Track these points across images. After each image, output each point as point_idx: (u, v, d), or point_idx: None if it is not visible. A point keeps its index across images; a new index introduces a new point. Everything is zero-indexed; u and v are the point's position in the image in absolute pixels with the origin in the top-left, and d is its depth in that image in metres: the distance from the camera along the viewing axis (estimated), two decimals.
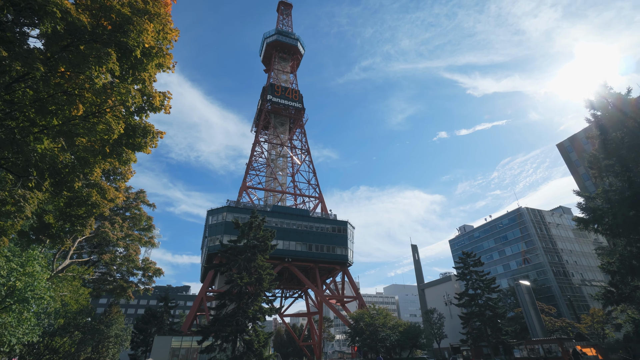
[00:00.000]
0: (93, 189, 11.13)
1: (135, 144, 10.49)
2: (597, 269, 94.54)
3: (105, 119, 8.82)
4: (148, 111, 10.21)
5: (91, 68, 7.65)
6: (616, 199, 16.94)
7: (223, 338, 27.16)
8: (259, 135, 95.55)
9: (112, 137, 9.11)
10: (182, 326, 51.01)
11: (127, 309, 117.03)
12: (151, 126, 10.50)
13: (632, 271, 16.29)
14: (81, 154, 9.79)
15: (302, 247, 68.65)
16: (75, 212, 10.91)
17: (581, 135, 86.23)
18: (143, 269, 39.19)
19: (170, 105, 10.41)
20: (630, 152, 16.87)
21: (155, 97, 10.07)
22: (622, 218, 16.41)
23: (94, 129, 8.70)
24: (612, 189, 17.63)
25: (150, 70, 9.48)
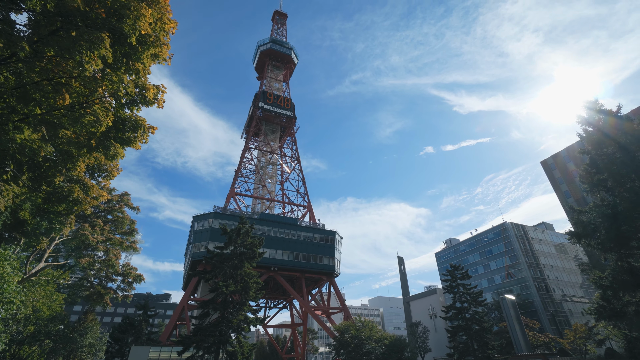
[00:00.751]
0: (75, 185, 10.40)
1: (124, 138, 9.89)
2: (578, 285, 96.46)
3: (93, 110, 8.25)
4: (140, 104, 9.64)
5: (82, 53, 7.15)
6: (609, 214, 17.20)
7: (205, 349, 25.97)
8: (249, 142, 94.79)
9: (100, 129, 8.52)
10: (161, 336, 48.89)
11: (103, 317, 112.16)
12: (142, 120, 9.93)
13: (624, 286, 16.42)
14: (64, 147, 9.12)
15: (289, 256, 67.56)
16: (54, 208, 10.14)
17: (564, 153, 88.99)
18: (123, 274, 37.50)
19: (164, 100, 9.91)
20: (622, 167, 17.26)
21: (149, 89, 9.54)
22: (615, 232, 16.61)
23: (79, 120, 8.10)
24: (604, 204, 17.93)
25: (145, 61, 8.99)
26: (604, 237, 17.17)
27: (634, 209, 16.02)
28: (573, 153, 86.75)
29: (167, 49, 9.60)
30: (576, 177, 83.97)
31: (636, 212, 15.98)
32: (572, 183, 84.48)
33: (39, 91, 8.18)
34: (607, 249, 17.61)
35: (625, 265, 16.55)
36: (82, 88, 8.77)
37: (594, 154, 19.61)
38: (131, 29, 7.94)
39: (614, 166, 17.38)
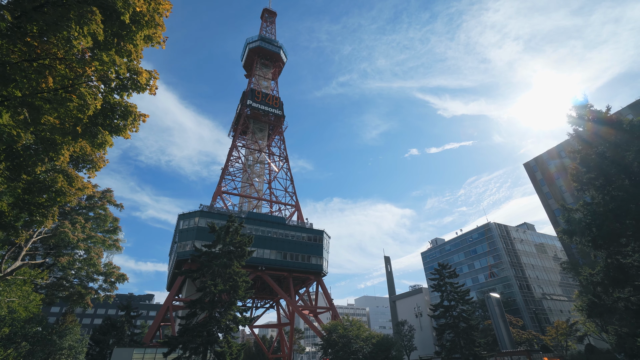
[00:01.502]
0: (59, 174, 9.71)
1: (113, 126, 9.28)
2: (556, 284, 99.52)
3: (80, 92, 7.66)
4: (131, 90, 9.05)
5: (70, 28, 6.59)
6: (600, 212, 17.59)
7: (192, 350, 25.21)
8: (237, 140, 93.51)
9: (87, 112, 7.92)
10: (144, 337, 47.47)
11: (83, 319, 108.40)
12: (133, 106, 9.30)
13: (614, 283, 16.82)
14: (47, 135, 8.47)
15: (276, 256, 66.93)
16: (36, 199, 9.43)
17: (545, 156, 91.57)
18: (105, 274, 36.07)
19: (157, 86, 9.33)
20: (612, 166, 17.70)
21: (141, 73, 8.97)
22: (606, 230, 17.01)
23: (64, 103, 7.51)
24: (595, 202, 18.34)
25: (138, 42, 8.41)
26: (595, 235, 17.58)
27: (624, 207, 16.48)
28: (554, 156, 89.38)
29: (161, 31, 9.07)
30: (557, 178, 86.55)
31: (626, 210, 16.45)
32: (553, 185, 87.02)
33: (19, 72, 7.56)
34: (597, 246, 18.01)
35: (615, 262, 17.00)
36: (67, 71, 8.17)
37: (583, 153, 20.09)
38: (124, 5, 7.39)
39: (604, 165, 17.84)
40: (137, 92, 9.07)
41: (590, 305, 17.93)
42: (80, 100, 7.68)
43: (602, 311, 17.09)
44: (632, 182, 16.65)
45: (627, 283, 16.18)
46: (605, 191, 17.79)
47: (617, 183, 17.37)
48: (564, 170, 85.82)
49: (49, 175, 9.53)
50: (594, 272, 18.20)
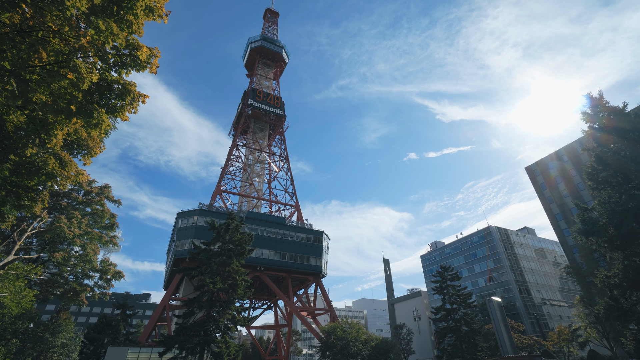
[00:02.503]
0: (50, 156, 9.05)
1: (110, 105, 8.65)
2: (556, 289, 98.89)
3: (74, 64, 7.05)
4: (130, 68, 8.44)
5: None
6: (619, 210, 16.95)
7: (189, 349, 24.48)
8: (237, 139, 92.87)
9: (82, 87, 7.31)
10: (140, 336, 46.63)
11: (78, 317, 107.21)
12: (132, 85, 8.66)
13: (633, 285, 16.16)
14: (38, 114, 7.85)
15: (275, 256, 66.18)
16: (24, 182, 8.77)
17: (547, 160, 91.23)
18: (101, 271, 35.31)
19: (158, 65, 8.72)
20: (632, 163, 17.08)
21: (141, 48, 8.34)
22: (626, 229, 16.39)
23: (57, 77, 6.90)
24: (613, 201, 17.69)
25: (138, 11, 7.77)
26: (613, 235, 16.94)
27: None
28: (555, 160, 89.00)
29: (164, 1, 8.48)
30: (559, 182, 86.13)
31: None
32: (555, 188, 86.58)
33: (9, 43, 6.95)
34: (614, 247, 17.39)
35: (633, 264, 16.36)
36: (61, 45, 7.55)
37: (599, 150, 19.48)
38: None
39: (623, 162, 17.21)
40: (137, 70, 8.43)
41: (607, 309, 17.26)
42: (74, 73, 7.05)
43: (620, 315, 16.44)
44: None
45: None
46: (623, 189, 17.19)
47: (637, 181, 16.79)
48: (565, 175, 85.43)
49: (39, 157, 8.88)
50: (610, 275, 17.55)
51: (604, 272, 18.62)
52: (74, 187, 37.37)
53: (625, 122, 18.66)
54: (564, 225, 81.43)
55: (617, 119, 19.08)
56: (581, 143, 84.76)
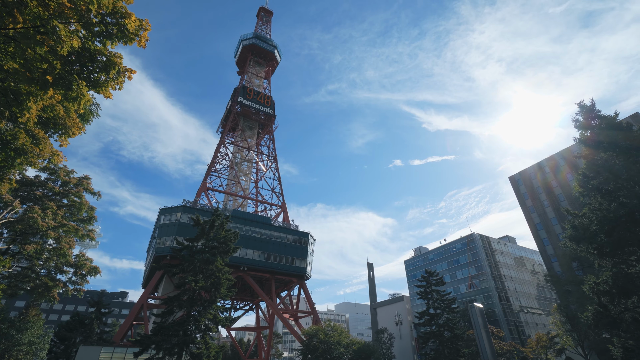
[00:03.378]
0: (20, 129, 8.17)
1: (92, 79, 7.92)
2: (533, 297, 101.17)
3: (52, 26, 6.33)
4: (117, 39, 7.75)
5: None
6: (610, 217, 17.22)
7: (166, 350, 23.39)
8: (225, 136, 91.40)
9: (62, 51, 6.58)
10: (114, 336, 44.75)
11: (49, 315, 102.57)
12: (118, 57, 7.92)
13: (623, 292, 16.36)
14: (10, 84, 7.04)
15: (260, 256, 65.13)
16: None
17: (530, 170, 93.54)
18: (76, 265, 33.56)
19: (148, 38, 8.07)
20: (624, 171, 17.41)
21: (130, 16, 7.64)
22: (617, 237, 16.62)
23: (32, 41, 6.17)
24: (603, 208, 17.98)
25: None
26: (603, 242, 17.17)
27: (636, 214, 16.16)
28: (538, 171, 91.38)
29: None
30: (540, 192, 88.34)
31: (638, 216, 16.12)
32: (536, 199, 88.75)
33: None
34: (603, 254, 17.64)
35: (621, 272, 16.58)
36: (40, 9, 6.84)
37: (590, 159, 19.82)
38: None
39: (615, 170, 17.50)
40: (124, 42, 7.72)
41: (596, 316, 17.42)
42: (53, 36, 6.34)
43: (609, 322, 16.58)
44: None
45: (636, 293, 15.74)
46: (613, 197, 17.46)
47: (628, 190, 17.09)
48: (546, 185, 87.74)
49: (8, 130, 8.01)
50: (599, 281, 17.76)
51: (592, 278, 18.86)
52: (50, 177, 35.58)
53: (617, 130, 19.07)
54: (544, 234, 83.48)
55: (609, 128, 19.50)
56: (562, 156, 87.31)
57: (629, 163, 17.30)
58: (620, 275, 16.55)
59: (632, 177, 17.02)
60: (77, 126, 9.56)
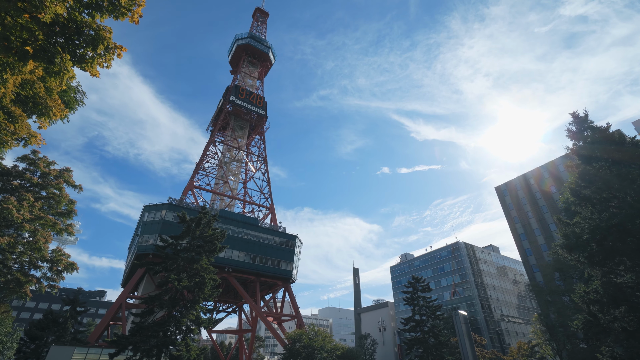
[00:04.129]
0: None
1: (78, 55, 7.31)
2: (514, 306, 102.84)
3: None
4: (107, 12, 7.16)
5: None
6: (603, 226, 17.43)
7: (144, 352, 22.36)
8: (215, 135, 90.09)
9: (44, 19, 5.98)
10: (89, 336, 42.91)
11: (21, 313, 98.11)
12: (107, 31, 7.31)
13: (613, 301, 16.50)
14: None
15: (245, 258, 64.01)
16: None
17: (515, 182, 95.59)
18: (51, 261, 32.00)
19: (141, 14, 7.55)
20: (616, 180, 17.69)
21: None
22: (609, 246, 16.82)
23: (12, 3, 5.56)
24: (595, 217, 18.19)
25: None
26: (594, 250, 17.37)
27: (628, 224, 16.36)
28: (523, 183, 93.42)
29: None
30: (525, 204, 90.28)
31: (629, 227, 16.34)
32: (521, 209, 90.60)
33: None
34: (594, 263, 17.81)
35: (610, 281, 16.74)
36: None
37: (582, 168, 20.15)
38: None
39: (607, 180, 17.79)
40: (115, 17, 7.15)
41: (586, 325, 17.52)
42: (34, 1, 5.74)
43: (599, 331, 16.67)
44: (636, 199, 16.65)
45: (625, 302, 15.90)
46: (604, 207, 17.72)
47: (620, 199, 17.37)
48: (531, 197, 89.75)
49: None
50: (589, 290, 17.92)
51: (582, 287, 19.03)
52: (28, 167, 34.04)
53: (610, 141, 19.47)
54: (527, 245, 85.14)
55: (602, 138, 19.89)
56: (547, 169, 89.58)
57: (621, 174, 17.62)
58: (611, 284, 16.73)
59: (624, 187, 17.35)
60: (58, 107, 8.86)
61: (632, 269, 16.03)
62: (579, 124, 21.78)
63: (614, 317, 15.99)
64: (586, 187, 19.24)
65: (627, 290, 16.33)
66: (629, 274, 16.21)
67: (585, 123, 21.56)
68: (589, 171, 19.41)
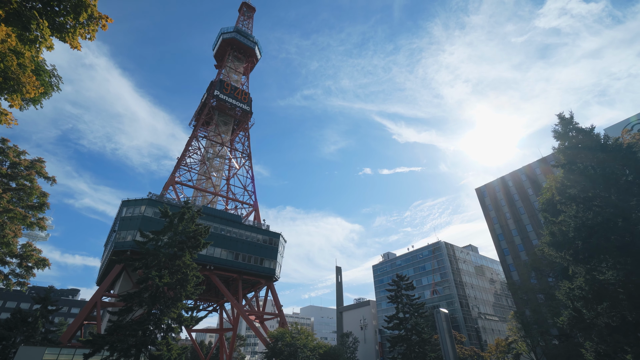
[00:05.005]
0: None
1: (57, 23, 6.58)
2: (490, 304, 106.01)
3: None
4: None
5: None
6: (589, 224, 17.94)
7: (122, 351, 21.32)
8: (198, 130, 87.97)
9: None
10: (62, 336, 40.86)
11: None
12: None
13: (598, 297, 16.99)
14: None
15: (228, 255, 62.82)
16: None
17: (494, 183, 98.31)
18: (21, 256, 30.14)
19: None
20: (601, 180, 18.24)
21: None
22: (595, 243, 17.31)
23: None
24: (579, 216, 18.71)
25: None
26: (579, 248, 17.87)
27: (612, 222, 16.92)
28: (502, 185, 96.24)
29: None
30: (503, 205, 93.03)
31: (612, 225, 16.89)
32: (499, 210, 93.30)
33: None
34: (578, 260, 18.32)
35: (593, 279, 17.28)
36: None
37: (567, 168, 20.72)
38: None
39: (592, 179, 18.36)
40: None
41: (571, 320, 18.01)
42: None
43: (584, 326, 17.17)
44: (620, 198, 17.27)
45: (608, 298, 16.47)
46: (588, 205, 18.28)
47: (604, 198, 17.96)
48: (509, 199, 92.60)
49: None
50: (573, 287, 18.44)
51: (567, 284, 19.60)
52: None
53: (595, 142, 20.11)
54: (505, 244, 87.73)
55: (586, 139, 20.55)
56: (524, 172, 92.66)
57: (605, 174, 18.22)
58: (595, 281, 17.27)
59: (608, 187, 17.97)
60: (33, 85, 8.04)
61: (613, 267, 16.65)
62: (564, 125, 22.46)
63: (598, 313, 16.52)
64: (571, 187, 19.84)
65: (609, 287, 16.94)
66: (610, 271, 16.84)
67: (570, 124, 22.25)
68: (574, 171, 20.01)
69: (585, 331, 17.40)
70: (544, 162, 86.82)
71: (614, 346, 15.86)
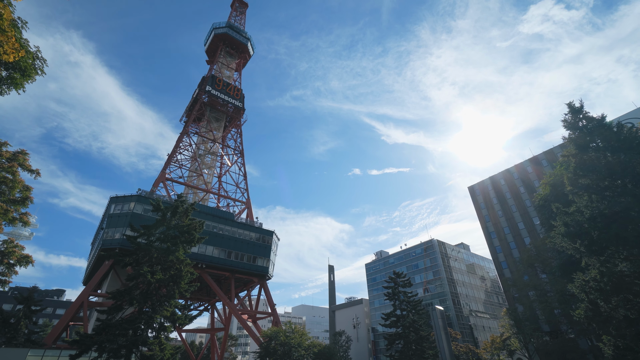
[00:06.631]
0: None
1: None
2: (481, 302, 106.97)
3: None
4: None
5: None
6: (606, 214, 17.60)
7: (111, 352, 20.11)
8: (189, 126, 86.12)
9: None
10: (46, 337, 39.07)
11: None
12: None
13: (616, 289, 16.65)
14: None
15: (220, 254, 61.48)
16: None
17: (487, 182, 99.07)
18: (2, 253, 28.55)
19: None
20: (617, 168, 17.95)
21: None
22: (613, 233, 16.95)
23: None
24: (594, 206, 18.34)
25: None
26: (596, 238, 17.49)
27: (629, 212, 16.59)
28: (494, 183, 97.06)
29: None
30: (495, 203, 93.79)
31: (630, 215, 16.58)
32: (491, 208, 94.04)
33: None
34: (592, 252, 17.95)
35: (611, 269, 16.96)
36: None
37: (579, 158, 20.38)
38: None
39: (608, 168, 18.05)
40: None
41: (588, 313, 17.60)
42: None
43: (603, 319, 16.74)
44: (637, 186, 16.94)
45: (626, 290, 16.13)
46: (602, 195, 17.96)
47: (621, 187, 17.64)
48: (500, 197, 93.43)
49: None
50: (588, 279, 18.05)
51: (581, 276, 19.23)
52: None
53: (608, 130, 19.82)
54: (497, 242, 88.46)
55: (598, 128, 20.27)
56: (515, 171, 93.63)
57: (622, 161, 17.93)
58: (614, 273, 16.91)
59: (624, 176, 17.68)
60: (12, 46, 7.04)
61: (628, 258, 16.36)
62: (574, 114, 22.19)
63: (616, 305, 16.13)
64: (584, 176, 19.52)
65: (627, 278, 16.61)
66: (625, 262, 16.55)
67: (580, 113, 21.98)
68: (586, 161, 19.69)
69: (603, 324, 17.04)
70: (535, 161, 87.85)
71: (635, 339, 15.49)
